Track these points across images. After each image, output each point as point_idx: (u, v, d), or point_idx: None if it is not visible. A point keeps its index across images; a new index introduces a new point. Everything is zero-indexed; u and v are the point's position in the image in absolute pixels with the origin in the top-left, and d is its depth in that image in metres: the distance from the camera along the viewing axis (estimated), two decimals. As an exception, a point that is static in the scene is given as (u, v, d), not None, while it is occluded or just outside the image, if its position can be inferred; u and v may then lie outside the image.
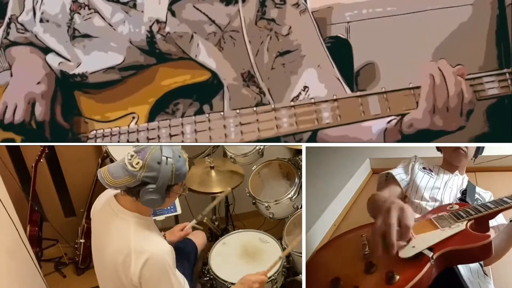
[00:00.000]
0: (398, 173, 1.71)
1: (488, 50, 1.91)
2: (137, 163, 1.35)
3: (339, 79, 1.57)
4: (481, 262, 1.44)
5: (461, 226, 1.31)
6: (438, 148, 1.77)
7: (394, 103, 1.35)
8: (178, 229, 1.89)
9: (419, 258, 1.23)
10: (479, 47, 1.91)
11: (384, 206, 1.24)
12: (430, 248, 1.25)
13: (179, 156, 1.39)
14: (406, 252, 1.26)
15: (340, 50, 1.91)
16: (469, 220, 1.33)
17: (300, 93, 1.55)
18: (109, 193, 1.52)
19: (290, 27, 1.56)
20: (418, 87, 1.33)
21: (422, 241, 1.29)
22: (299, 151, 2.32)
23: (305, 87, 1.54)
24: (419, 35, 1.93)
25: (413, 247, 1.27)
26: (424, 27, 1.93)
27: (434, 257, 1.22)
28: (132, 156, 1.36)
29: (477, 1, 1.91)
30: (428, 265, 1.20)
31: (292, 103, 1.36)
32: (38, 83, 1.54)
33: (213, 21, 1.54)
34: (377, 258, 1.30)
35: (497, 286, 1.51)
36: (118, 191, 1.46)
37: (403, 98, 1.35)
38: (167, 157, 1.35)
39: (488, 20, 1.91)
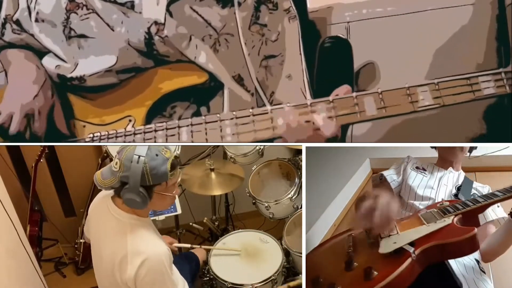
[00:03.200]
0: (389, 174, 1.72)
1: (488, 50, 1.91)
2: (116, 163, 1.34)
3: (303, 92, 1.58)
4: (478, 258, 1.42)
5: (447, 221, 1.30)
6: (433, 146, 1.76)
7: (390, 103, 1.35)
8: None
9: (400, 254, 1.22)
10: (479, 47, 1.91)
11: (371, 194, 1.26)
12: (412, 244, 1.24)
13: (156, 155, 1.33)
14: (386, 248, 1.26)
15: (340, 50, 1.91)
16: (456, 215, 1.31)
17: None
18: (105, 193, 1.52)
19: (278, 33, 1.57)
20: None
21: (403, 236, 1.28)
22: (299, 151, 2.32)
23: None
24: (419, 35, 1.93)
25: (394, 242, 1.26)
26: (424, 27, 1.93)
27: (416, 252, 1.21)
28: (115, 156, 1.37)
29: (477, 1, 1.91)
30: (409, 260, 1.19)
31: (288, 105, 1.35)
32: (36, 96, 1.53)
33: (209, 24, 1.53)
34: (358, 255, 1.31)
35: (497, 284, 1.50)
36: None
37: (399, 98, 1.34)
38: (139, 156, 1.31)
39: (489, 20, 1.91)
